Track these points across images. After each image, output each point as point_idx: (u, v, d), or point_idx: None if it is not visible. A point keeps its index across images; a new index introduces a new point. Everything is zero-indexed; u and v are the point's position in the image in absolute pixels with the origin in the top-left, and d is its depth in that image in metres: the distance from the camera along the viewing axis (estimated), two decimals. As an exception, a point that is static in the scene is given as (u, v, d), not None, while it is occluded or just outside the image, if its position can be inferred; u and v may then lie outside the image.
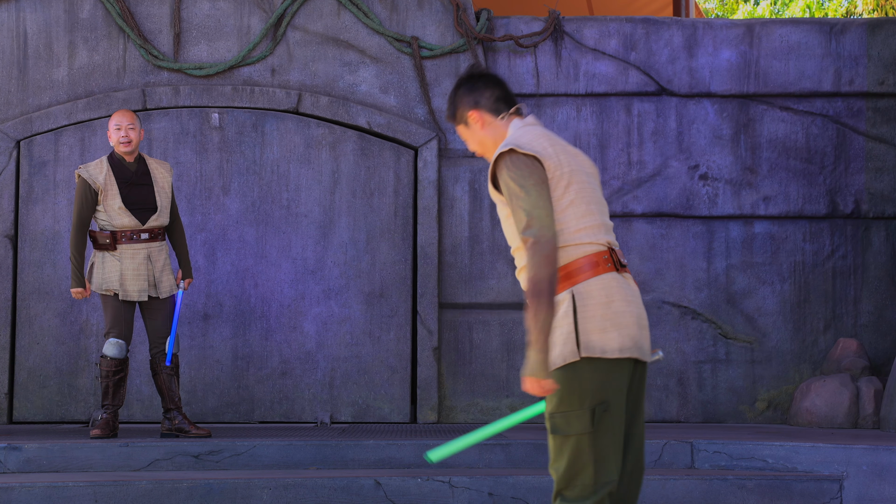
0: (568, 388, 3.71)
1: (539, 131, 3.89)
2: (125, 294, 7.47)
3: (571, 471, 3.72)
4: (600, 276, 3.75)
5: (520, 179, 3.73)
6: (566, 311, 3.73)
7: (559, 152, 3.83)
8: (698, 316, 9.20)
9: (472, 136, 4.03)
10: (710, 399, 9.16)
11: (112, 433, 7.51)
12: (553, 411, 3.74)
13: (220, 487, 6.49)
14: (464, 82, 4.02)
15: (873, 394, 8.51)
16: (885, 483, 6.70)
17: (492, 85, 4.00)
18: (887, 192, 9.26)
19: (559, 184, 3.76)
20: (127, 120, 7.57)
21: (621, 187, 9.23)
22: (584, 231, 3.78)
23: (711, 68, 9.29)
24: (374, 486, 6.55)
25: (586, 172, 3.88)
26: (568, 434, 3.71)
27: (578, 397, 3.70)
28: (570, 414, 3.71)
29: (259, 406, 8.95)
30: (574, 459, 3.72)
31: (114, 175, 7.52)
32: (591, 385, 3.70)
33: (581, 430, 3.70)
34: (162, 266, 7.59)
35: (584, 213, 3.79)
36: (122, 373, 7.52)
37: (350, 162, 9.07)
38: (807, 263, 9.26)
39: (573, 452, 3.71)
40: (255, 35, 9.18)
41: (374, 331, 8.99)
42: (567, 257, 3.76)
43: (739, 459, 7.17)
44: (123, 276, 7.47)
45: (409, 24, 9.25)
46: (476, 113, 3.99)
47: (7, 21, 9.09)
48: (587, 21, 9.36)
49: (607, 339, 3.71)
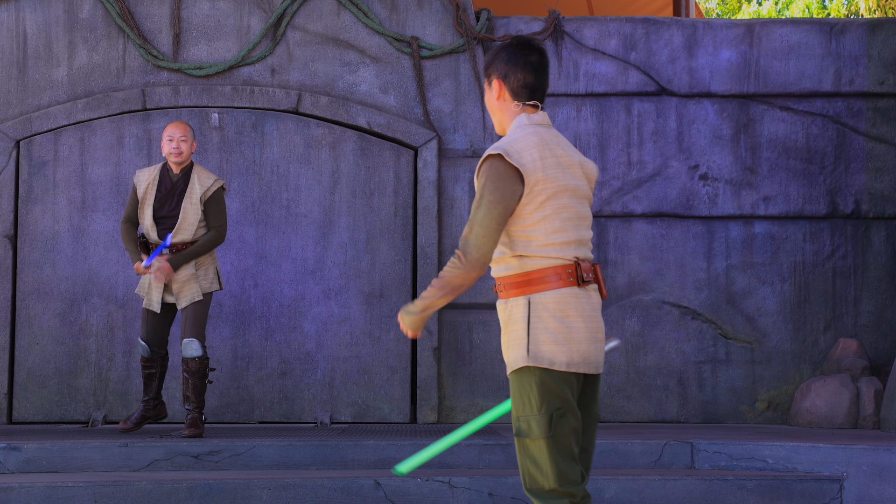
0: (525, 391, 3.84)
1: (537, 139, 3.93)
2: (148, 302, 7.80)
3: (534, 472, 3.83)
4: (559, 290, 3.87)
5: (487, 188, 3.84)
6: (521, 317, 3.87)
7: (549, 166, 3.89)
8: (698, 316, 9.19)
9: (489, 97, 4.09)
10: (710, 399, 9.16)
11: (136, 427, 7.93)
12: (517, 415, 3.87)
13: (219, 488, 6.48)
14: (511, 49, 4.02)
15: (873, 394, 8.50)
16: (885, 483, 6.70)
17: (529, 69, 4.00)
18: (887, 192, 9.26)
19: (537, 198, 3.85)
20: (180, 132, 7.76)
21: (621, 187, 9.23)
22: (552, 246, 3.88)
23: (711, 68, 9.28)
24: (373, 486, 6.55)
25: (573, 189, 3.95)
26: (530, 437, 3.82)
27: (535, 402, 3.82)
28: (531, 418, 3.82)
29: (259, 406, 8.94)
30: (536, 462, 3.83)
31: (157, 184, 7.77)
32: (543, 391, 3.82)
33: (540, 434, 3.80)
34: (186, 279, 7.71)
35: (556, 230, 3.89)
36: (152, 369, 7.90)
37: (350, 162, 9.06)
38: (807, 263, 9.26)
39: (535, 455, 3.83)
40: (254, 35, 9.17)
41: (373, 331, 8.99)
42: (529, 266, 3.88)
43: (739, 460, 7.16)
44: (150, 285, 7.78)
45: (408, 24, 9.24)
46: (500, 83, 4.03)
47: (7, 21, 9.09)
48: (587, 21, 9.35)
49: (557, 352, 3.83)
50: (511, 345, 3.89)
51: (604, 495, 6.67)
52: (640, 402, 9.15)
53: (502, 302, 3.95)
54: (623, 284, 9.20)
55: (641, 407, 9.15)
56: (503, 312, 3.95)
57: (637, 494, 6.67)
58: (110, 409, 8.86)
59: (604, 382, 9.15)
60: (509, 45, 4.01)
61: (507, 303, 3.93)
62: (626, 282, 9.20)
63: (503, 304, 3.95)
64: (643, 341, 9.17)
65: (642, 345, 9.17)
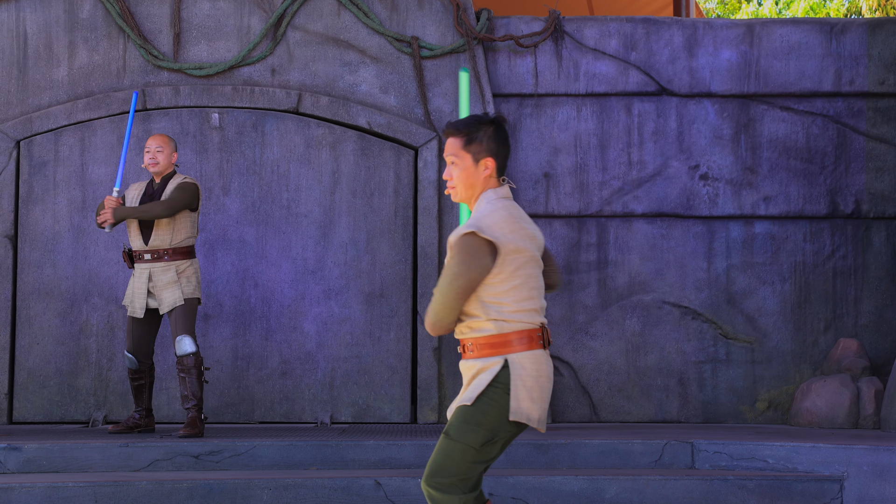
0: (479, 416, 4.14)
1: (506, 213, 4.20)
2: (132, 309, 7.89)
3: (443, 467, 4.16)
4: (533, 352, 4.18)
5: (455, 261, 4.10)
6: (492, 371, 4.14)
7: (519, 238, 4.18)
8: (699, 316, 9.19)
9: (466, 174, 4.24)
10: (710, 399, 9.16)
11: (127, 432, 7.99)
12: (454, 422, 4.17)
13: (220, 488, 6.48)
14: (493, 127, 4.23)
15: (874, 394, 8.50)
16: (885, 483, 6.70)
17: (506, 151, 4.26)
18: (888, 193, 9.26)
19: (508, 267, 4.12)
20: (156, 143, 7.92)
21: (621, 187, 9.23)
22: (522, 312, 4.18)
23: (712, 68, 9.29)
24: (374, 486, 6.55)
25: (535, 259, 4.24)
26: (456, 441, 4.14)
27: (481, 425, 4.14)
28: (468, 429, 4.13)
29: (259, 406, 8.94)
30: (451, 460, 4.15)
31: (142, 194, 7.94)
32: (495, 425, 4.16)
33: (468, 443, 4.13)
34: (165, 284, 7.80)
35: (525, 298, 4.18)
36: (141, 380, 8.01)
37: (350, 162, 9.06)
38: (807, 263, 9.26)
39: (454, 455, 4.15)
40: (255, 35, 9.17)
41: (374, 331, 8.99)
42: (506, 329, 4.16)
43: (740, 460, 7.17)
44: (133, 293, 7.90)
45: (409, 24, 9.24)
46: (491, 162, 4.22)
47: (7, 21, 9.09)
48: (587, 21, 9.35)
49: (532, 409, 4.17)
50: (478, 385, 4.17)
51: (604, 495, 6.67)
52: (641, 402, 9.15)
53: (472, 361, 4.19)
54: (623, 284, 9.20)
55: (642, 407, 9.15)
56: (472, 369, 4.20)
57: (637, 494, 6.67)
58: (111, 409, 8.86)
59: (604, 382, 9.16)
60: (489, 123, 4.22)
61: (477, 362, 4.18)
62: (627, 282, 9.20)
63: (473, 364, 4.19)
64: (643, 341, 9.17)
65: (643, 345, 9.17)
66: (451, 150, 4.23)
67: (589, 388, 9.14)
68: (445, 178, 4.26)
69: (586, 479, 6.70)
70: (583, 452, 7.26)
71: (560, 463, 7.19)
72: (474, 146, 4.21)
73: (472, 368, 4.19)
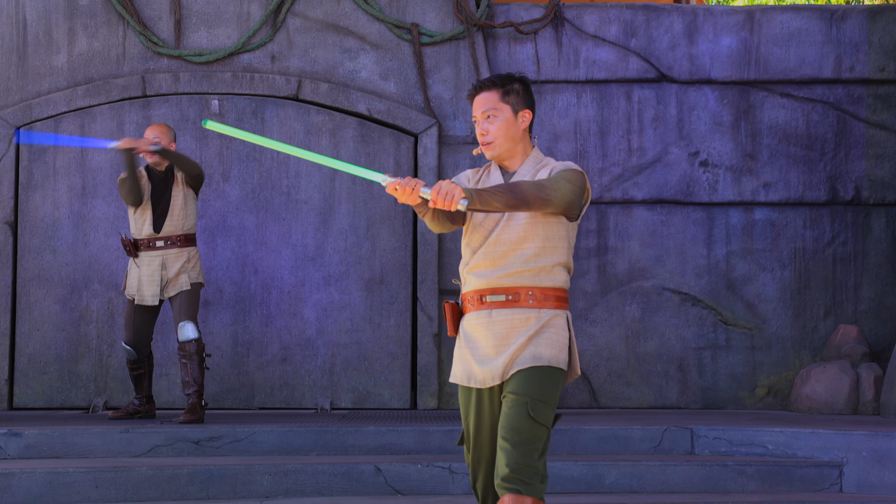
0: (551, 387, 4.03)
1: None
2: (140, 298, 7.84)
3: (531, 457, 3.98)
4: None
5: (577, 183, 4.01)
6: (564, 328, 4.09)
7: None
8: (698, 302, 9.20)
9: (506, 125, 4.16)
10: (710, 385, 9.17)
11: (126, 417, 8.01)
12: (535, 398, 4.01)
13: (220, 473, 6.50)
14: (526, 85, 4.23)
15: (873, 380, 8.51)
16: (884, 469, 6.71)
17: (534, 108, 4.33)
18: (888, 179, 9.26)
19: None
20: (153, 133, 7.85)
21: (621, 174, 9.23)
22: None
23: (712, 55, 9.28)
24: (374, 471, 6.56)
25: None
26: (541, 423, 4.00)
27: (555, 400, 4.06)
28: (548, 408, 4.01)
29: (259, 392, 8.95)
30: (542, 446, 4.02)
31: (150, 182, 7.86)
32: (558, 395, 4.11)
33: (547, 425, 4.02)
34: (179, 270, 7.81)
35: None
36: (140, 370, 8.02)
37: (350, 148, 9.06)
38: (807, 250, 9.26)
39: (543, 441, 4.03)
40: (254, 22, 9.17)
41: (374, 317, 9.00)
42: (568, 282, 4.11)
43: (739, 445, 7.18)
44: (140, 282, 7.84)
45: (409, 11, 9.23)
46: (529, 113, 4.20)
47: (7, 7, 9.08)
48: (587, 8, 9.34)
49: (575, 368, 4.20)
50: (552, 345, 4.02)
51: (604, 481, 6.69)
52: (641, 388, 9.16)
53: (529, 311, 4.01)
54: (623, 271, 9.20)
55: (641, 393, 9.16)
56: (531, 321, 4.00)
57: (637, 480, 6.69)
58: (111, 395, 8.87)
59: (604, 368, 9.17)
60: (519, 79, 4.20)
61: (540, 312, 4.02)
62: (627, 268, 9.20)
63: (528, 314, 4.01)
64: (643, 327, 9.18)
65: (642, 331, 9.17)
66: (488, 103, 4.12)
67: (589, 374, 9.15)
68: (481, 134, 4.12)
69: (586, 465, 6.71)
70: (582, 438, 7.27)
71: (560, 449, 7.20)
72: (512, 97, 4.16)
73: (528, 321, 4.01)
